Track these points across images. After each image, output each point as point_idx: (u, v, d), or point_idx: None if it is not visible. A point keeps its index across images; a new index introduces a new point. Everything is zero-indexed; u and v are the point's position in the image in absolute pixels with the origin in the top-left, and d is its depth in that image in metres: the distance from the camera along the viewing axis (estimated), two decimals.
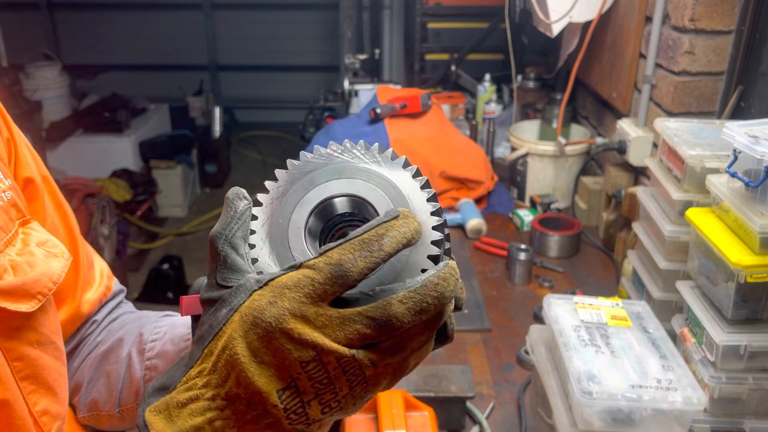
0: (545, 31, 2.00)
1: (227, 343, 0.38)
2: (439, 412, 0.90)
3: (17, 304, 0.51)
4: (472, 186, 1.90)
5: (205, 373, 0.39)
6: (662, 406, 0.80)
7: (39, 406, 0.54)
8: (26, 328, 0.53)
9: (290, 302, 0.37)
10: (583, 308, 0.95)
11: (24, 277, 0.52)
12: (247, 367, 0.37)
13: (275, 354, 0.37)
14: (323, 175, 0.42)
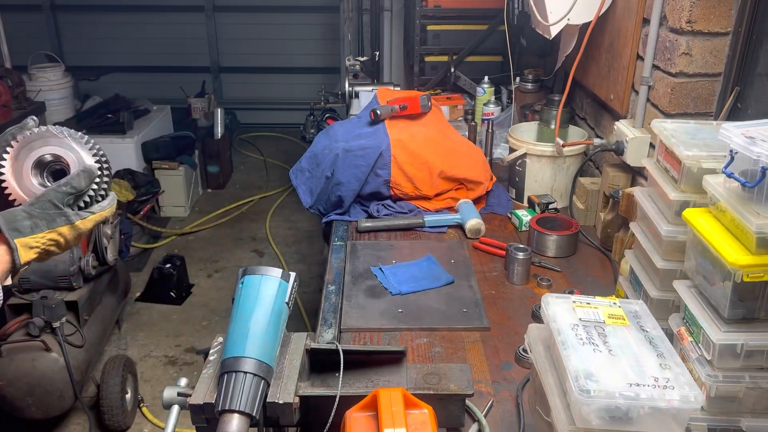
0: (543, 33, 2.01)
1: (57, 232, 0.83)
2: (439, 410, 0.91)
3: None
4: (471, 186, 1.90)
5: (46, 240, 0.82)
6: (659, 404, 0.80)
7: None
8: None
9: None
10: (580, 307, 0.96)
11: None
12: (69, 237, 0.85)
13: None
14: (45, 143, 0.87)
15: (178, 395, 0.90)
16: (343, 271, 1.58)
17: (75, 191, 0.86)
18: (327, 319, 1.39)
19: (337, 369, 0.94)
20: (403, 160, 1.83)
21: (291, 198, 4.40)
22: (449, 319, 1.38)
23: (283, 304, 0.94)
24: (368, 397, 0.85)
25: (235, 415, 0.83)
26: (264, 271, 0.94)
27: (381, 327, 1.36)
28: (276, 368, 0.91)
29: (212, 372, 0.92)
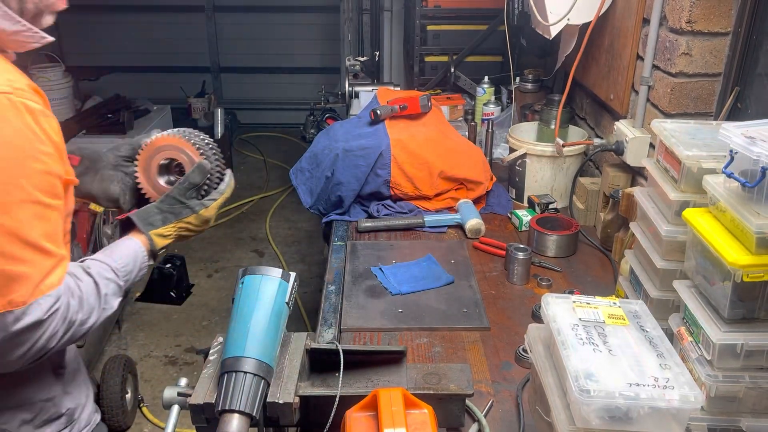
0: (543, 33, 2.01)
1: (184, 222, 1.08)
2: (439, 410, 0.91)
3: None
4: (471, 186, 1.90)
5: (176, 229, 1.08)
6: (659, 404, 0.80)
7: None
8: None
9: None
10: (580, 307, 0.96)
11: None
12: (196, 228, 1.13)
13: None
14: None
15: (178, 395, 0.91)
16: (343, 271, 1.58)
17: (193, 186, 1.08)
18: (327, 319, 1.39)
19: (337, 369, 0.94)
20: (403, 160, 1.83)
21: (291, 198, 4.40)
22: (449, 319, 1.38)
23: (283, 304, 0.94)
24: (368, 397, 0.85)
25: (235, 415, 0.83)
26: (264, 271, 0.94)
27: (381, 327, 1.36)
28: (276, 368, 0.91)
29: (212, 372, 0.92)
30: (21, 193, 0.81)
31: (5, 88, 0.81)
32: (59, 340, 0.88)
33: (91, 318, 0.93)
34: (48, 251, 0.86)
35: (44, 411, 1.02)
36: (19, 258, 0.83)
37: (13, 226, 0.81)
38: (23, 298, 0.83)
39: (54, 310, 0.86)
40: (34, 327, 0.84)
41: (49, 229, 0.86)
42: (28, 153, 0.82)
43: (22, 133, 0.81)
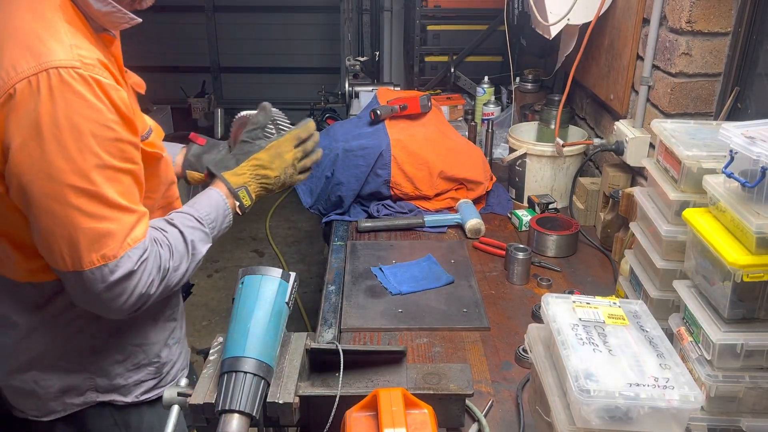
0: (543, 33, 2.01)
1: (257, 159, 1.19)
2: (439, 410, 0.91)
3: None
4: (471, 186, 1.90)
5: (249, 167, 1.18)
6: (659, 404, 0.80)
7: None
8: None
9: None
10: (580, 307, 0.96)
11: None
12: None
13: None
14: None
15: (178, 395, 0.90)
16: (343, 271, 1.58)
17: (257, 126, 1.19)
18: (327, 319, 1.39)
19: (337, 369, 0.94)
20: (403, 160, 1.83)
21: (291, 198, 4.40)
22: (449, 319, 1.38)
23: (283, 304, 0.94)
24: (368, 397, 0.85)
25: (235, 415, 0.83)
26: (264, 271, 0.94)
27: (381, 327, 1.36)
28: (276, 368, 0.91)
29: (212, 372, 0.92)
30: (95, 159, 0.89)
31: (75, 63, 0.87)
32: (157, 287, 0.99)
33: (182, 264, 1.03)
34: (128, 208, 0.95)
35: (134, 355, 1.12)
36: (103, 216, 0.91)
37: (92, 189, 0.90)
38: (114, 251, 0.92)
39: (143, 259, 0.96)
40: (127, 277, 0.94)
41: (123, 189, 0.94)
42: (99, 123, 0.89)
43: (92, 105, 0.88)
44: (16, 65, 0.85)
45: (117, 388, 1.11)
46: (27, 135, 0.85)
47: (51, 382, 1.08)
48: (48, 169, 0.87)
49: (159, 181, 1.09)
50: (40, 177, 0.87)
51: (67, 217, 0.89)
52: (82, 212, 0.90)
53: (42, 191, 0.88)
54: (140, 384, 1.13)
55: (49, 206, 0.89)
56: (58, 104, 0.85)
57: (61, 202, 0.88)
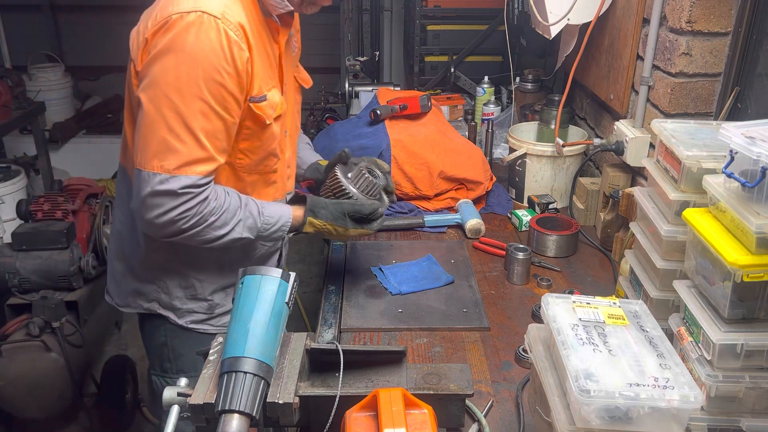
0: (543, 33, 2.01)
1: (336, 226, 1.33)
2: (439, 410, 0.90)
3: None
4: (471, 186, 1.90)
5: (322, 224, 1.31)
6: (659, 404, 0.80)
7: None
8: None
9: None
10: (580, 307, 0.96)
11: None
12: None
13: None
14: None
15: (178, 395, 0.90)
16: (343, 271, 1.58)
17: (358, 214, 1.32)
18: (327, 319, 1.39)
19: (337, 369, 0.94)
20: (403, 160, 1.83)
21: None
22: (449, 319, 1.38)
23: (283, 304, 0.94)
24: (368, 397, 0.85)
25: (235, 415, 0.83)
26: (264, 271, 0.94)
27: (381, 327, 1.36)
28: (276, 368, 0.91)
29: (212, 372, 0.92)
30: (197, 90, 1.06)
31: (217, 14, 1.06)
32: (189, 225, 1.12)
33: (222, 229, 1.16)
34: (202, 144, 1.09)
35: (193, 287, 1.30)
36: (178, 136, 1.07)
37: (184, 111, 1.06)
38: (170, 167, 1.08)
39: (189, 191, 1.09)
40: (169, 194, 1.08)
41: (209, 128, 1.09)
42: (213, 65, 1.06)
43: (214, 49, 1.06)
44: (179, 4, 1.08)
45: (174, 308, 1.31)
46: (161, 49, 1.06)
47: (129, 281, 1.32)
48: (161, 78, 1.06)
49: (260, 145, 1.22)
50: (154, 81, 1.07)
51: (153, 120, 1.07)
52: (166, 122, 1.07)
53: (150, 92, 1.07)
54: (192, 313, 1.32)
55: (148, 106, 1.07)
56: (190, 36, 1.05)
57: (156, 106, 1.07)
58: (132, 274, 1.31)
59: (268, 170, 1.29)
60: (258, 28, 1.16)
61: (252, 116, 1.17)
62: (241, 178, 1.24)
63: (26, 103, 3.41)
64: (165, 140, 1.07)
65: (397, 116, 1.95)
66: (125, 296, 1.33)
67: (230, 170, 1.23)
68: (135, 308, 1.34)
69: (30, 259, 2.27)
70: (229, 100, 1.10)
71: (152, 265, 1.28)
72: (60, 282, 2.30)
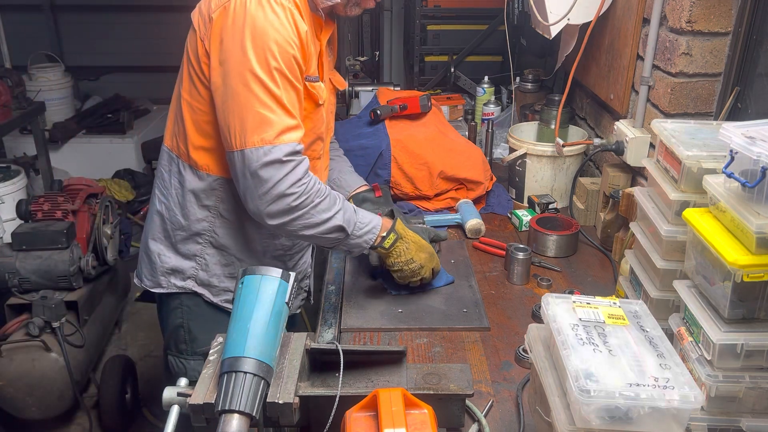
0: (543, 32, 2.01)
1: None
2: (439, 410, 0.90)
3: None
4: (471, 186, 1.90)
5: (405, 231, 1.38)
6: (659, 404, 0.80)
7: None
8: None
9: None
10: (580, 307, 0.96)
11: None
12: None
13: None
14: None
15: (178, 395, 0.90)
16: (343, 271, 1.58)
17: (433, 238, 1.45)
18: (327, 319, 1.39)
19: (337, 369, 0.94)
20: (403, 160, 1.83)
21: None
22: (449, 319, 1.38)
23: (283, 304, 0.94)
24: (368, 397, 0.85)
25: (235, 415, 0.83)
26: (264, 271, 0.94)
27: (381, 327, 1.36)
28: (276, 368, 0.91)
29: (212, 372, 0.92)
30: (276, 62, 1.13)
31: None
32: (299, 203, 1.17)
33: (326, 212, 1.21)
34: (291, 112, 1.15)
35: (232, 265, 1.34)
36: (270, 107, 1.13)
37: (268, 83, 1.12)
38: (270, 137, 1.13)
39: (292, 159, 1.15)
40: (275, 163, 1.13)
41: (290, 98, 1.15)
42: (285, 38, 1.13)
43: (282, 23, 1.13)
44: None
45: (210, 285, 1.35)
46: (233, 28, 1.12)
47: (167, 259, 1.35)
48: (242, 56, 1.11)
49: (312, 126, 1.28)
50: (233, 59, 1.12)
51: (245, 97, 1.12)
52: (256, 97, 1.12)
53: (234, 71, 1.12)
54: (227, 291, 1.36)
55: (235, 86, 1.12)
56: (258, 14, 1.11)
57: (245, 83, 1.12)
58: (173, 251, 1.34)
59: (315, 155, 1.34)
60: (308, 19, 1.22)
61: (308, 94, 1.24)
62: None
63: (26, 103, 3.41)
64: (259, 114, 1.12)
65: (397, 116, 1.95)
66: (159, 275, 1.36)
67: None
68: (167, 288, 1.36)
69: (30, 259, 2.27)
70: (298, 71, 1.17)
71: (198, 238, 1.32)
72: (60, 282, 2.31)
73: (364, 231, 1.29)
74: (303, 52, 1.18)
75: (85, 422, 2.46)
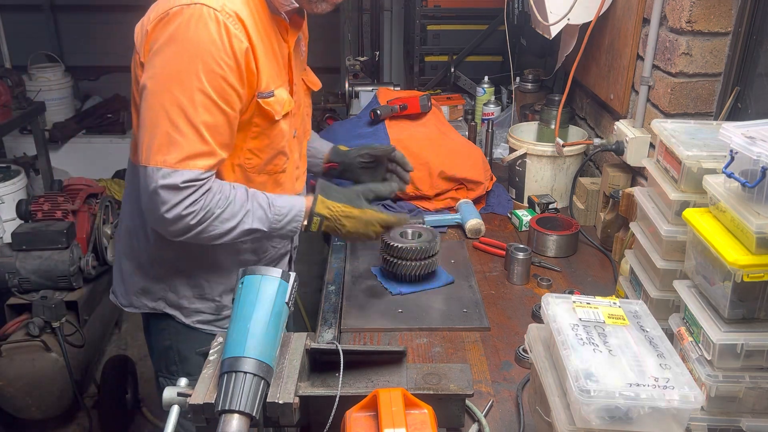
0: (543, 32, 2.01)
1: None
2: (439, 410, 0.90)
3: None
4: (471, 186, 1.90)
5: (338, 210, 1.26)
6: (659, 404, 0.80)
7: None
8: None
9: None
10: (580, 307, 0.96)
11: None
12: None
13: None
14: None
15: (178, 395, 0.90)
16: (343, 271, 1.58)
17: (376, 196, 1.32)
18: (327, 319, 1.39)
19: (337, 369, 0.94)
20: None
21: None
22: (449, 319, 1.38)
23: (283, 304, 0.94)
24: (368, 397, 0.85)
25: (235, 415, 0.82)
26: (264, 271, 0.94)
27: (381, 327, 1.36)
28: (276, 368, 0.91)
29: (212, 372, 0.92)
30: (198, 83, 1.06)
31: (216, 6, 1.07)
32: (197, 221, 1.11)
33: (230, 221, 1.15)
34: (204, 138, 1.09)
35: (200, 287, 1.30)
36: (180, 130, 1.07)
37: (185, 104, 1.06)
38: (172, 161, 1.07)
39: (191, 185, 1.09)
40: (172, 189, 1.08)
41: (211, 122, 1.09)
42: (213, 56, 1.06)
43: (213, 41, 1.06)
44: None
45: (180, 307, 1.31)
46: (163, 43, 1.07)
47: (137, 279, 1.30)
48: (162, 71, 1.07)
49: (268, 142, 1.22)
50: (156, 74, 1.08)
51: (157, 114, 1.07)
52: (168, 117, 1.07)
53: (152, 87, 1.08)
54: (199, 313, 1.31)
55: (151, 100, 1.08)
56: (190, 29, 1.05)
57: (159, 100, 1.07)
58: (140, 272, 1.30)
59: (277, 170, 1.28)
60: (265, 25, 1.16)
61: (261, 112, 1.17)
62: (251, 179, 1.24)
63: (26, 103, 3.41)
64: (167, 134, 1.07)
65: (397, 116, 1.95)
66: (131, 295, 1.33)
67: (240, 171, 1.22)
68: (140, 308, 1.33)
69: (30, 259, 2.27)
70: (230, 93, 1.10)
71: (161, 263, 1.28)
72: (60, 282, 2.31)
73: (286, 222, 1.22)
74: (240, 71, 1.10)
75: (85, 422, 2.46)
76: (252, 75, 1.12)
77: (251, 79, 1.13)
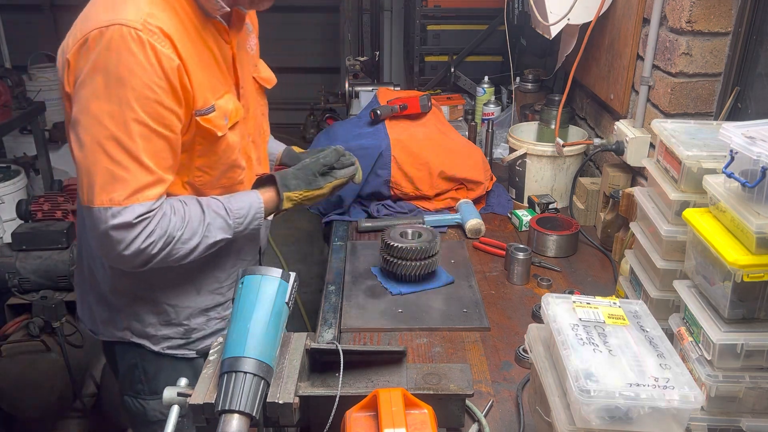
0: (543, 32, 2.01)
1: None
2: (439, 410, 0.90)
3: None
4: (471, 186, 1.90)
5: (300, 194, 1.28)
6: (659, 404, 0.80)
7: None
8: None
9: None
10: (580, 307, 0.96)
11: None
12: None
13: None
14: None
15: (178, 395, 0.90)
16: (343, 271, 1.58)
17: (327, 164, 1.30)
18: (327, 319, 1.39)
19: (337, 369, 0.94)
20: (403, 160, 1.83)
21: None
22: (449, 319, 1.38)
23: (283, 304, 0.94)
24: (368, 397, 0.85)
25: (235, 415, 0.83)
26: (264, 271, 0.94)
27: (381, 327, 1.36)
28: (276, 368, 0.91)
29: (212, 372, 0.92)
30: (132, 113, 0.98)
31: (137, 24, 0.97)
32: (159, 249, 1.05)
33: (193, 240, 1.09)
34: (148, 167, 1.02)
35: (166, 313, 1.22)
36: (122, 164, 1.00)
37: (122, 137, 0.99)
38: (120, 198, 1.00)
39: (144, 218, 1.02)
40: (125, 227, 1.01)
41: (152, 150, 1.02)
42: (143, 82, 0.98)
43: (140, 65, 0.97)
44: (96, 18, 0.99)
45: (147, 336, 1.23)
46: (87, 74, 0.98)
47: (101, 309, 1.23)
48: (91, 105, 0.98)
49: (217, 159, 1.15)
50: (85, 109, 0.99)
51: (93, 152, 0.99)
52: (106, 153, 0.99)
53: (83, 123, 0.99)
54: (168, 339, 1.24)
55: (84, 138, 0.99)
56: (112, 55, 0.96)
57: (93, 136, 0.99)
58: (103, 303, 1.23)
59: (233, 182, 1.20)
60: (198, 31, 1.08)
61: (201, 131, 1.09)
62: (205, 194, 1.17)
63: (26, 103, 3.41)
64: (108, 170, 0.99)
65: (397, 116, 1.95)
66: (97, 323, 1.26)
67: (191, 189, 1.15)
68: (108, 337, 1.26)
69: (30, 259, 2.27)
70: (168, 116, 1.02)
71: (121, 293, 1.21)
72: (60, 282, 2.30)
73: (247, 222, 1.18)
74: (174, 92, 1.02)
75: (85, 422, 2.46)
76: (187, 93, 1.05)
77: (187, 98, 1.05)
